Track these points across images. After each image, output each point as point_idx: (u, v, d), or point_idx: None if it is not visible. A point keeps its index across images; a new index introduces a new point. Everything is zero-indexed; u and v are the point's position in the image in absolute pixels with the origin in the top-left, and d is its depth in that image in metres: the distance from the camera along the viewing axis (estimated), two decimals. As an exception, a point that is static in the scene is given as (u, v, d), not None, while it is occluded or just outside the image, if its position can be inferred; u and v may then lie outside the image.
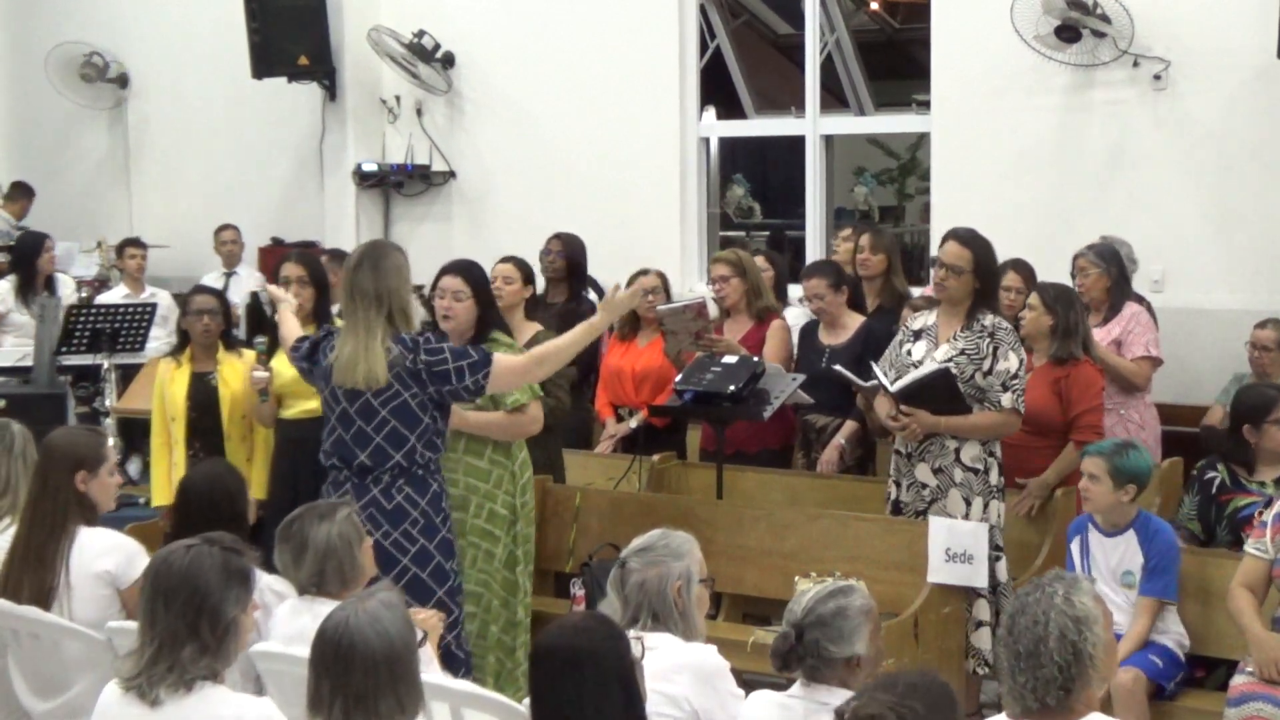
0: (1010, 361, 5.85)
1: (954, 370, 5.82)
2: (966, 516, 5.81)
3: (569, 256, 8.35)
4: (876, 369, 6.02)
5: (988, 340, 5.86)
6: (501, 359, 5.22)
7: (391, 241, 5.38)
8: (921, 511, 5.95)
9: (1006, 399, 5.84)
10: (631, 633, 3.66)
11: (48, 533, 4.82)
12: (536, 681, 3.42)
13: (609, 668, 3.35)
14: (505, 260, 6.79)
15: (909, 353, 6.01)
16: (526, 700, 4.05)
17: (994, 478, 5.91)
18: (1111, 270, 7.17)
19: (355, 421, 5.11)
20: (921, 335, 6.03)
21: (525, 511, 5.90)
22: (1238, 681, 5.11)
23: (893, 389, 5.87)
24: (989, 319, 5.90)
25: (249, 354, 6.78)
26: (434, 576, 5.12)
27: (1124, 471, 5.47)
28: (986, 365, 5.85)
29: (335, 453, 5.19)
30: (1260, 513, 5.36)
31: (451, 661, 5.15)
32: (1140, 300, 7.55)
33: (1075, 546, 5.64)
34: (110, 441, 5.17)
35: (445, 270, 5.97)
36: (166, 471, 6.55)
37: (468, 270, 5.93)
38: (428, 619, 4.48)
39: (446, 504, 5.29)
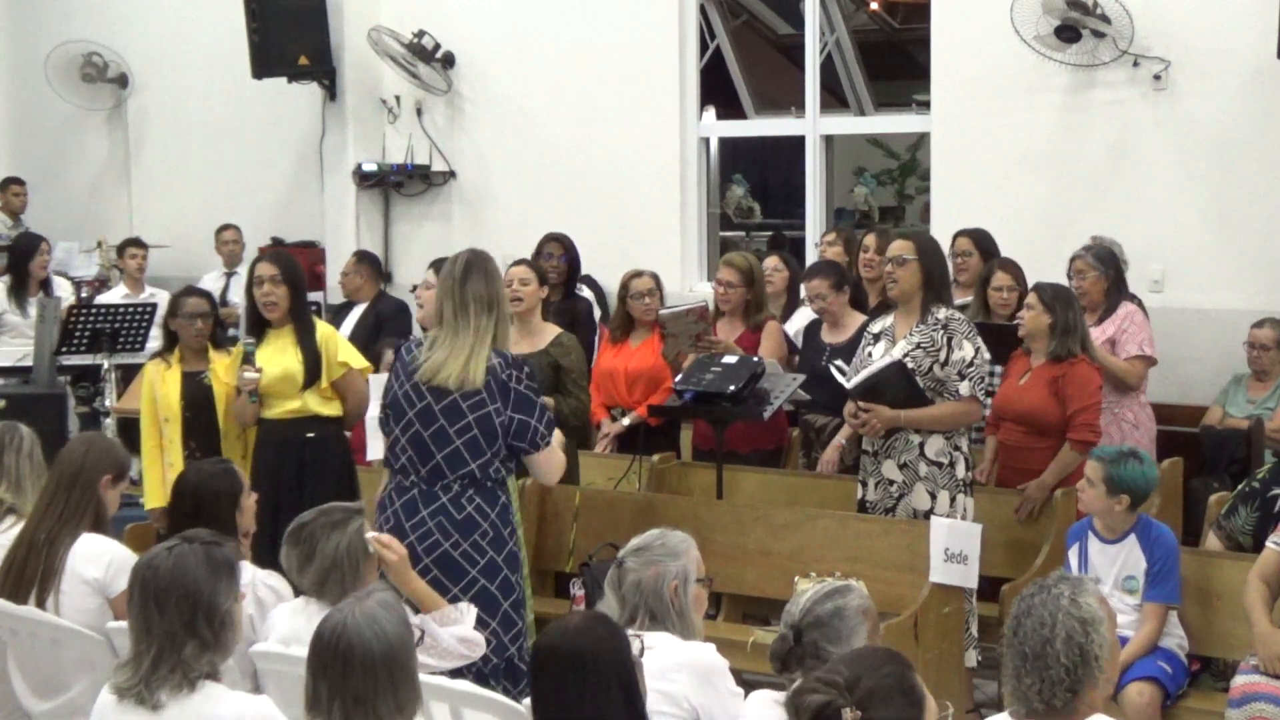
0: (965, 350, 5.92)
1: (911, 364, 5.89)
2: (932, 510, 5.87)
3: (570, 259, 8.42)
4: (834, 368, 6.06)
5: (941, 332, 5.94)
6: (558, 447, 5.21)
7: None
8: (890, 509, 6.01)
9: (964, 387, 5.91)
10: (631, 631, 3.65)
11: (60, 525, 4.82)
12: (538, 682, 3.42)
13: (610, 669, 3.35)
14: (519, 263, 6.98)
15: (870, 354, 6.09)
16: (527, 700, 4.08)
17: (960, 471, 5.96)
18: (1109, 272, 7.19)
19: (438, 420, 4.98)
20: (880, 337, 6.11)
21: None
22: (1239, 682, 5.10)
23: (849, 385, 5.92)
24: (943, 312, 5.99)
25: (239, 351, 6.78)
26: (501, 589, 5.03)
27: (1119, 481, 5.39)
28: (942, 356, 5.92)
29: (409, 450, 5.06)
30: None
31: (514, 674, 5.07)
32: (1133, 299, 7.55)
33: (1074, 554, 5.62)
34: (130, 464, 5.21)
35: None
36: (160, 474, 6.52)
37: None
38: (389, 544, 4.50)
39: (514, 517, 5.17)
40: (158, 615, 3.50)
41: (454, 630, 4.46)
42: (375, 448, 5.68)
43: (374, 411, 5.56)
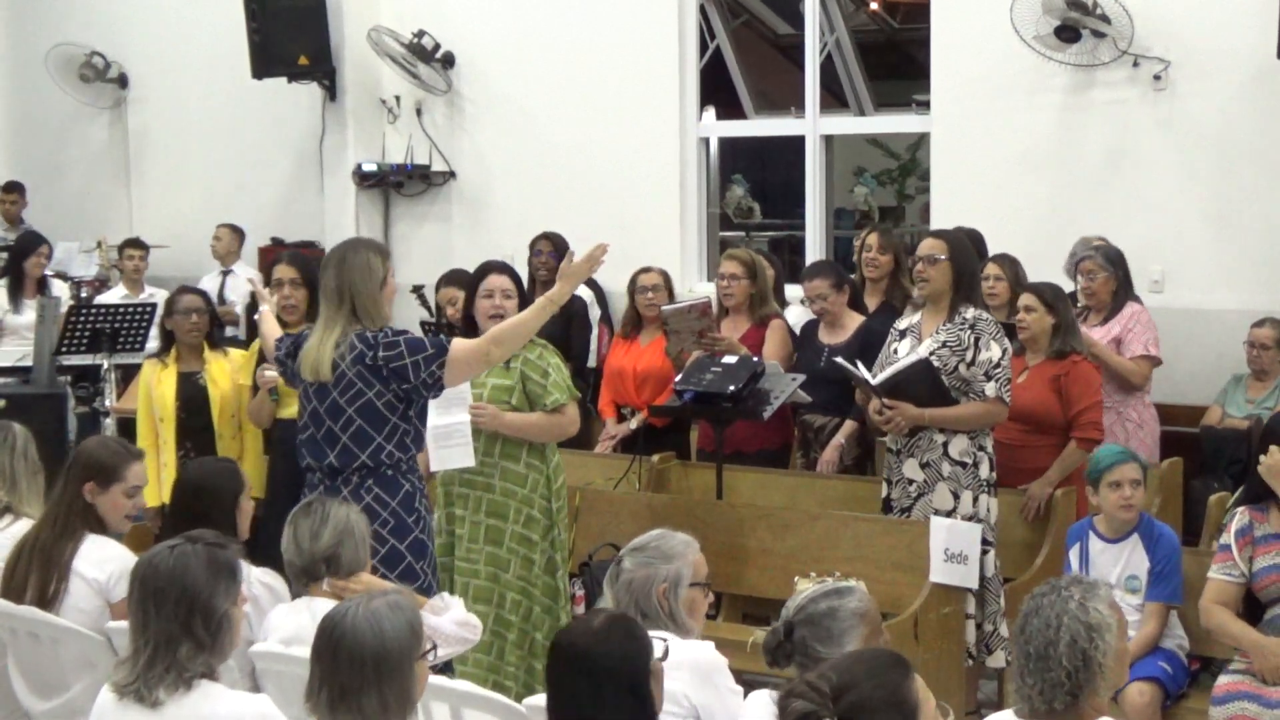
0: (993, 351, 5.88)
1: (937, 363, 5.85)
2: (954, 510, 5.84)
3: (560, 257, 8.37)
4: (860, 365, 6.05)
5: (969, 331, 5.90)
6: (458, 344, 5.10)
7: (371, 240, 5.35)
8: (907, 508, 5.97)
9: (990, 388, 5.87)
10: (656, 634, 3.60)
11: (56, 533, 4.82)
12: (552, 676, 3.41)
13: (624, 677, 3.32)
14: (501, 273, 5.97)
15: (895, 351, 6.06)
16: (525, 700, 4.08)
17: (984, 472, 5.93)
18: (1118, 273, 7.21)
19: (325, 421, 5.07)
20: (906, 334, 6.08)
21: (560, 516, 5.86)
22: (1223, 681, 5.12)
23: (874, 382, 5.89)
24: (971, 312, 5.94)
25: (235, 353, 6.78)
26: (404, 577, 5.03)
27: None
28: (969, 356, 5.88)
29: (308, 453, 5.15)
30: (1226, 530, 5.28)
31: None
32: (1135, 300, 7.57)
33: (1074, 554, 5.62)
34: (138, 467, 5.15)
35: (491, 269, 5.87)
36: (155, 473, 6.52)
37: (512, 269, 5.93)
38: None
39: (421, 504, 5.20)
40: (155, 614, 3.50)
41: (451, 615, 4.45)
42: (435, 459, 5.64)
43: (434, 421, 5.48)
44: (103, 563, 4.79)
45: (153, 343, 8.99)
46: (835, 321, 7.18)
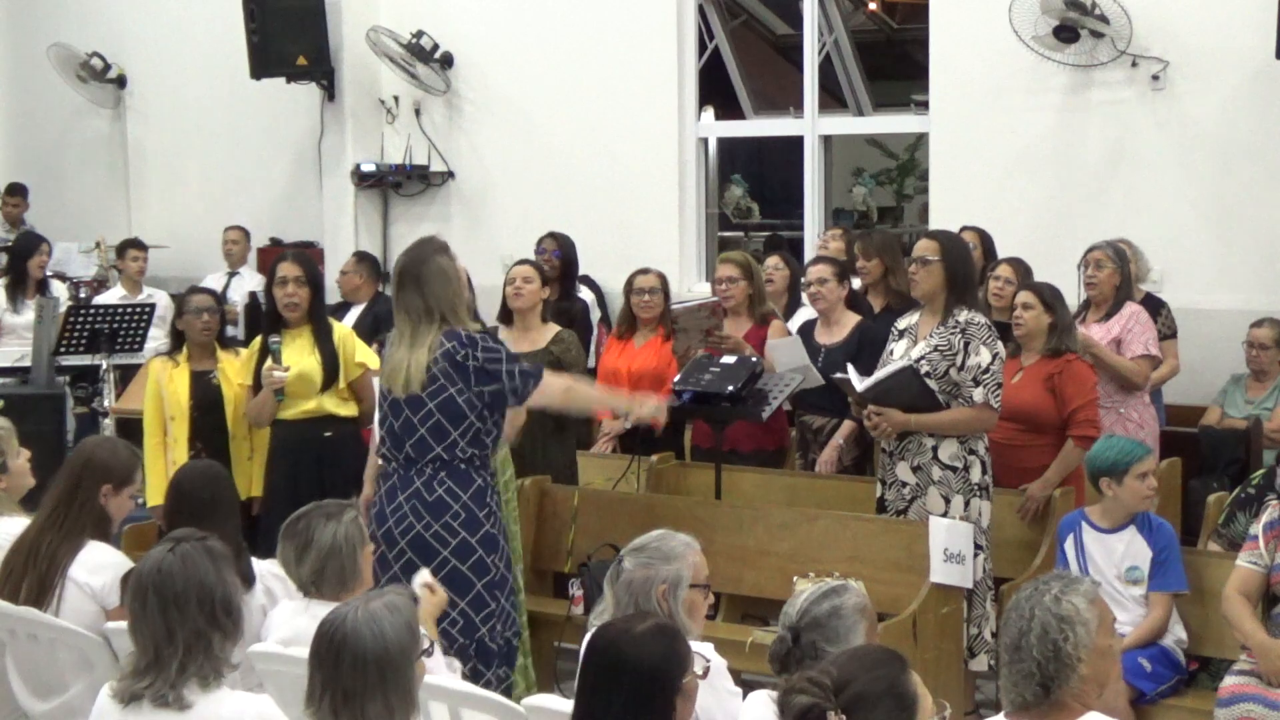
0: (982, 356, 5.83)
1: (927, 366, 5.82)
2: (946, 515, 5.81)
3: (564, 256, 8.41)
4: (851, 370, 6.04)
5: (960, 336, 5.84)
6: (551, 378, 5.29)
7: (432, 240, 5.42)
8: (902, 510, 5.96)
9: (978, 394, 5.82)
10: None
11: (62, 536, 4.81)
12: (583, 669, 3.42)
13: (648, 689, 3.31)
14: (522, 263, 7.06)
15: (892, 352, 6.04)
16: (524, 700, 4.08)
17: (975, 475, 5.90)
18: (1123, 269, 7.22)
19: (404, 411, 5.14)
20: (905, 334, 6.06)
21: (509, 509, 5.85)
22: (1228, 683, 5.12)
23: (859, 388, 5.88)
24: (964, 315, 5.88)
25: (245, 352, 6.78)
26: (474, 569, 5.13)
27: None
28: (959, 360, 5.83)
29: (386, 440, 5.23)
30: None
31: (484, 654, 5.17)
32: (1155, 302, 7.58)
33: (1069, 546, 5.63)
34: (141, 469, 5.16)
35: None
36: (163, 472, 6.52)
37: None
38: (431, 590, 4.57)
39: (493, 499, 5.28)
40: (180, 618, 3.51)
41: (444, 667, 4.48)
42: None
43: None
44: (98, 569, 4.78)
45: (153, 342, 9.02)
46: (830, 319, 7.17)
